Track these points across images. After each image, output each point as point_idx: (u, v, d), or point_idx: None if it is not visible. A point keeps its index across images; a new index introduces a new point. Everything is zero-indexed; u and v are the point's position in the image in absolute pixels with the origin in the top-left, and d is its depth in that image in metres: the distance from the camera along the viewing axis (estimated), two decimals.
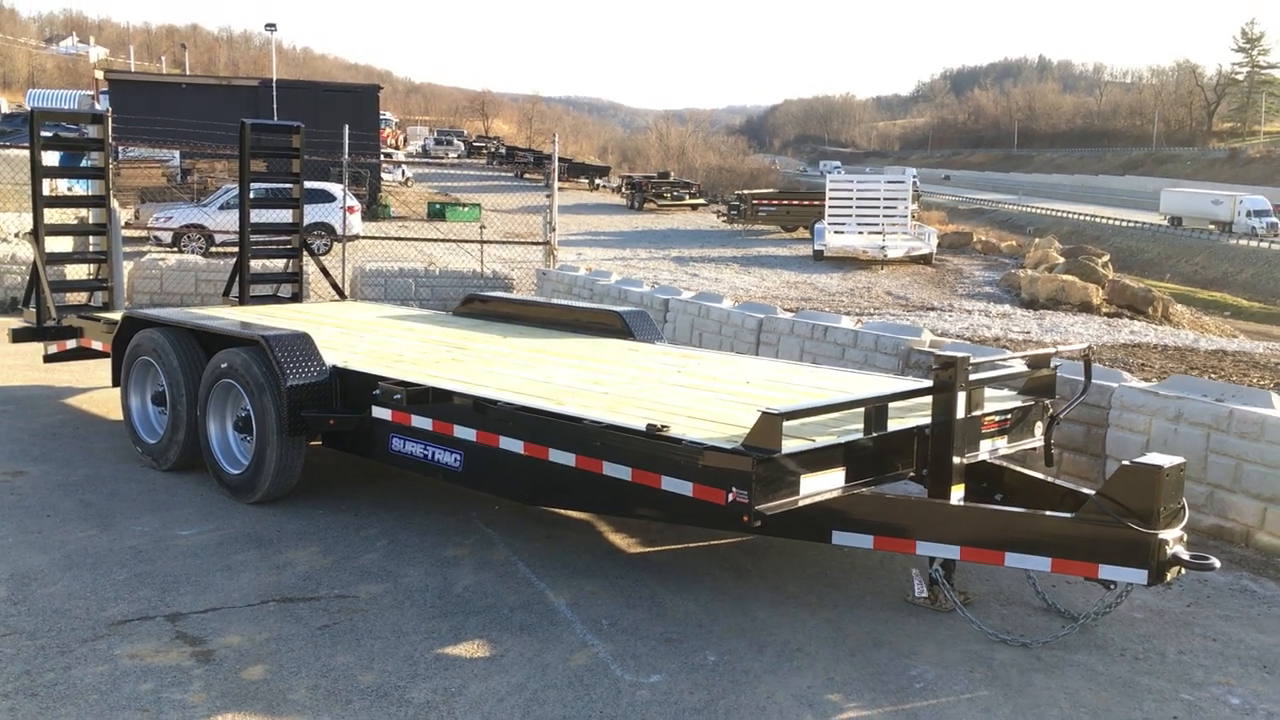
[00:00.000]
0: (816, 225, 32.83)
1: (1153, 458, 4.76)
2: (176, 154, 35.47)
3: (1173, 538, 4.64)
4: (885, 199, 32.86)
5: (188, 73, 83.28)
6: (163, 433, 7.42)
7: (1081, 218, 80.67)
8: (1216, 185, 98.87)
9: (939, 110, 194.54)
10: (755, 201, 41.23)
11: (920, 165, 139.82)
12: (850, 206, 32.77)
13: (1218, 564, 4.67)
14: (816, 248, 31.63)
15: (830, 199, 33.42)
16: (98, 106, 35.58)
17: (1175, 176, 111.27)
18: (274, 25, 53.63)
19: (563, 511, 6.67)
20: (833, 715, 4.30)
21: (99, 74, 45.44)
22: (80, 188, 18.26)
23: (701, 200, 53.16)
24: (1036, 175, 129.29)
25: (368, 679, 4.48)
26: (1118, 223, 76.21)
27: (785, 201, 41.87)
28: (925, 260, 31.31)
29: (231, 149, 26.72)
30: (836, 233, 31.76)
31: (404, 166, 53.58)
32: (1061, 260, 27.67)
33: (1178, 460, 4.77)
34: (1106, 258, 28.40)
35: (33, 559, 5.72)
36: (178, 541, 6.07)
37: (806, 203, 39.76)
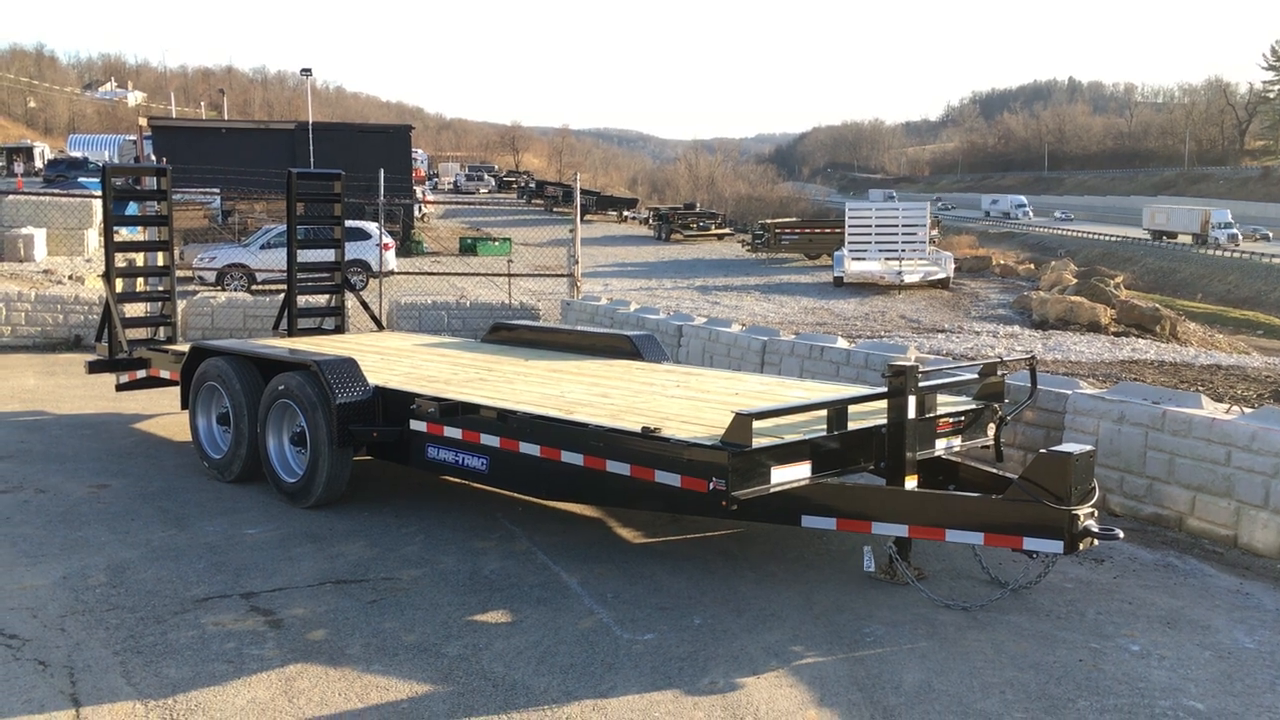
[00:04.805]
0: (836, 252, 33.73)
1: (1066, 446, 5.65)
2: (217, 196, 36.80)
3: (1084, 513, 5.49)
4: (904, 226, 33.69)
5: (226, 115, 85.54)
6: (227, 448, 8.43)
7: (1113, 239, 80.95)
8: (1250, 203, 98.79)
9: (968, 134, 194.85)
10: (778, 230, 42.23)
11: (951, 190, 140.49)
12: (870, 233, 33.63)
13: (1121, 534, 5.54)
14: (836, 274, 32.55)
15: (850, 226, 34.30)
16: (142, 152, 37.00)
17: (1208, 196, 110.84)
18: (309, 70, 55.33)
19: (577, 510, 7.61)
20: (793, 661, 5.20)
21: (142, 120, 47.15)
22: (127, 232, 19.46)
23: (727, 230, 54.31)
24: (1068, 197, 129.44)
25: (410, 638, 5.43)
26: (1151, 243, 76.47)
27: (808, 229, 42.82)
28: (943, 284, 32.14)
29: (271, 193, 27.96)
30: (856, 259, 32.65)
31: (418, 205, 54.60)
32: (1074, 282, 28.41)
33: (1088, 448, 5.64)
34: (1119, 279, 29.15)
35: (124, 553, 6.70)
36: (245, 539, 7.04)
37: (828, 230, 40.67)
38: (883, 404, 6.19)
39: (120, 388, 10.45)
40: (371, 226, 26.08)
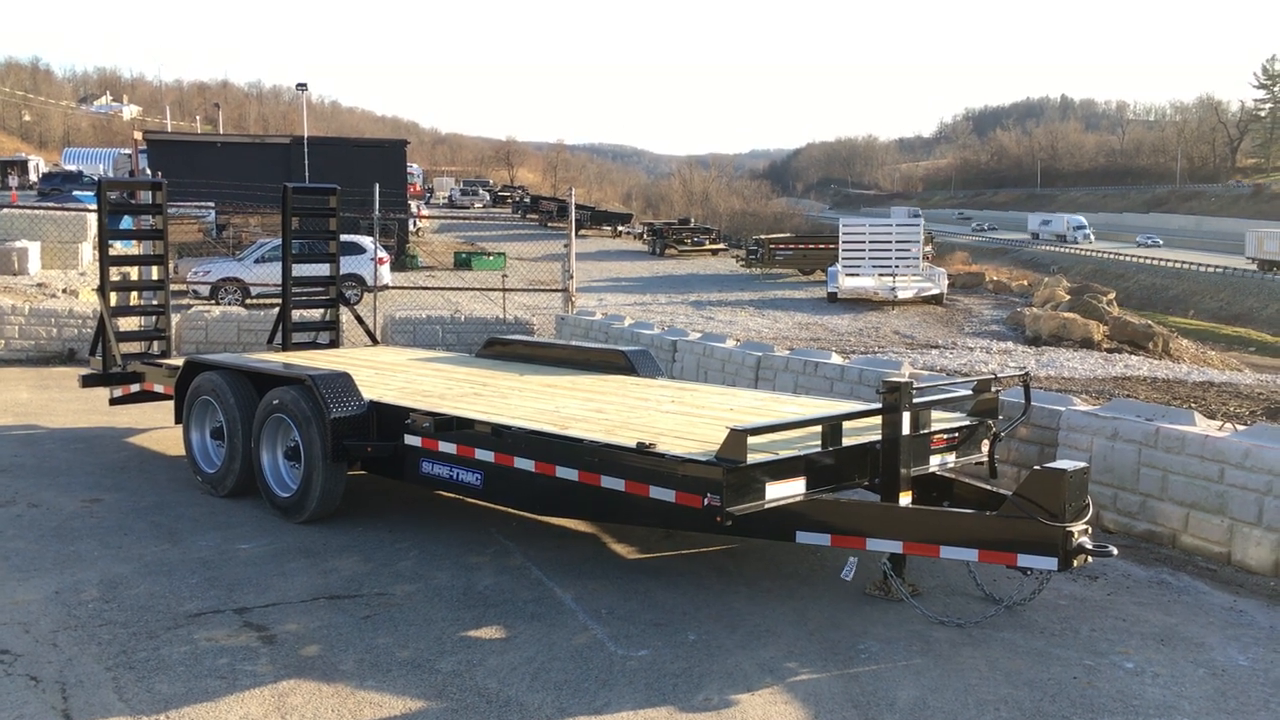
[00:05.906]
0: (830, 268, 33.81)
1: (1060, 463, 5.66)
2: (212, 210, 36.77)
3: (1078, 530, 5.50)
4: (897, 242, 33.78)
5: (221, 130, 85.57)
6: (220, 463, 8.41)
7: (1106, 255, 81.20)
8: (1240, 221, 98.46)
9: (961, 151, 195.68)
10: (772, 246, 42.32)
11: (944, 205, 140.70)
12: (864, 249, 33.71)
13: (1115, 551, 5.54)
14: (830, 290, 32.61)
15: (844, 242, 34.38)
16: (137, 166, 37.00)
17: (1200, 213, 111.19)
18: (304, 85, 55.47)
19: (571, 525, 7.60)
20: (788, 678, 5.19)
21: (137, 134, 47.16)
22: (122, 246, 19.42)
23: (721, 245, 54.38)
24: (1063, 214, 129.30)
25: (404, 654, 5.41)
26: (1142, 260, 76.81)
27: (802, 245, 42.92)
28: (936, 300, 32.20)
29: (266, 207, 27.97)
30: (849, 275, 32.73)
31: (414, 219, 54.49)
32: (1067, 298, 28.51)
33: (1082, 465, 5.65)
34: (1111, 295, 29.25)
35: (117, 568, 6.68)
36: (238, 553, 7.02)
37: (822, 246, 40.76)
38: (877, 420, 6.20)
39: (114, 402, 10.43)
40: (366, 241, 26.06)
